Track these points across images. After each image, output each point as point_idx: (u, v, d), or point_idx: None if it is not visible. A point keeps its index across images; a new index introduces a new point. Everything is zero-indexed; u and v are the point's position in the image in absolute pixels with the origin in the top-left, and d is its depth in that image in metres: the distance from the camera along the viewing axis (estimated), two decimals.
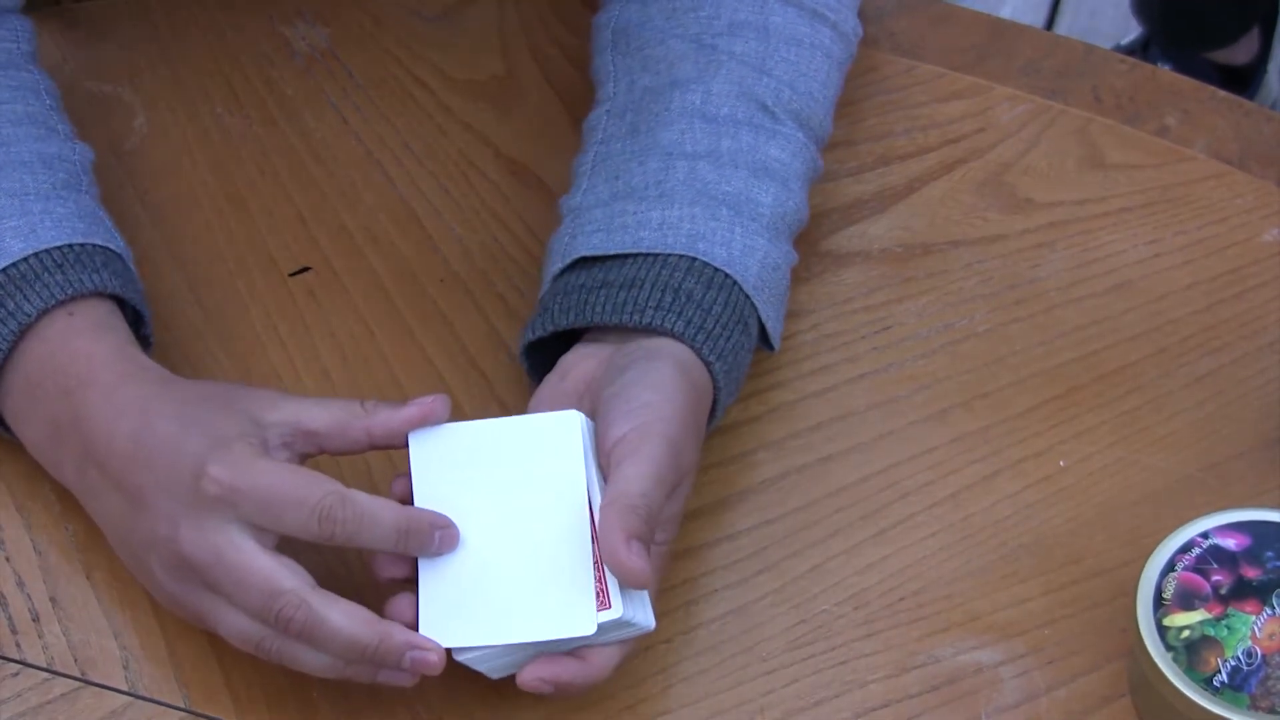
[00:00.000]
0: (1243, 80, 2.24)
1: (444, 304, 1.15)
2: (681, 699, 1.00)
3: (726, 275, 1.04)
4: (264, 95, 1.24)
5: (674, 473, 0.97)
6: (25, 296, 1.00)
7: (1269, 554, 0.97)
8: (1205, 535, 0.98)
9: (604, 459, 0.97)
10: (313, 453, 0.98)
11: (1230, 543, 0.98)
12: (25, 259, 1.00)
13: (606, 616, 0.95)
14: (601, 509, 0.95)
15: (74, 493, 1.02)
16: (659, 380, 0.99)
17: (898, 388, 1.11)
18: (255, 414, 0.97)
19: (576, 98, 1.24)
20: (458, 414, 1.09)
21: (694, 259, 1.04)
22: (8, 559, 1.04)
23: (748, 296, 1.04)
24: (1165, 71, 1.28)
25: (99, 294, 1.02)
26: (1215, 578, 0.97)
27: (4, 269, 1.00)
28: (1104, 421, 1.10)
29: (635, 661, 1.01)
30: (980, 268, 1.16)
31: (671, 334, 1.01)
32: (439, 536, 0.96)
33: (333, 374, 1.12)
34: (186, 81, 1.24)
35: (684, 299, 1.02)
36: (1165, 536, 0.98)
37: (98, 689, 1.00)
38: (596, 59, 1.16)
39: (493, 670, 0.98)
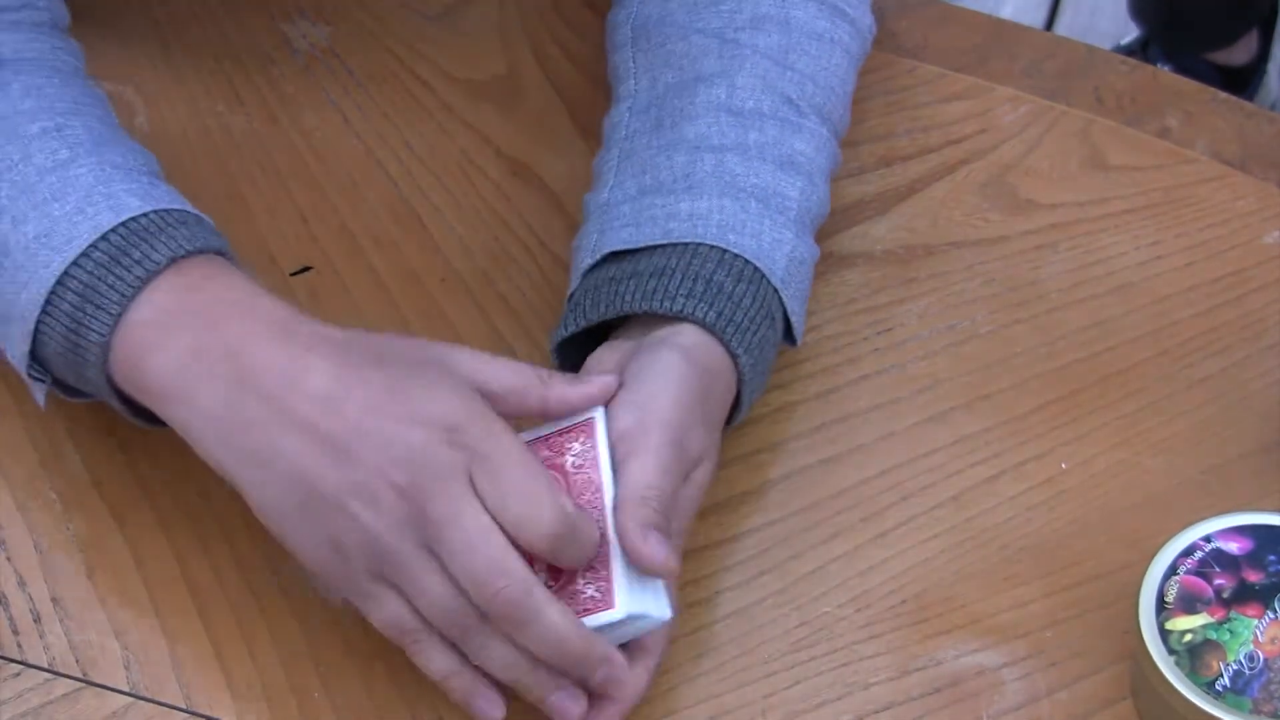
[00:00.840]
0: (1242, 81, 2.25)
1: (445, 304, 1.14)
2: (683, 700, 1.00)
3: (756, 268, 1.04)
4: (265, 93, 1.24)
5: (679, 460, 0.97)
6: (152, 246, 0.98)
7: (1271, 558, 0.97)
8: (1208, 539, 0.98)
9: (614, 453, 0.98)
10: None
11: (1233, 546, 0.98)
12: (146, 214, 1.00)
13: (607, 618, 0.95)
14: (616, 509, 0.95)
15: (210, 425, 0.96)
16: (662, 369, 0.99)
17: (899, 389, 1.11)
18: (442, 362, 0.95)
19: (578, 97, 1.24)
20: None
21: (724, 250, 1.04)
22: (9, 559, 1.04)
23: (775, 290, 1.05)
24: (1166, 73, 1.28)
25: (220, 254, 1.01)
26: (1218, 581, 0.97)
27: (125, 222, 0.99)
28: (1106, 423, 1.10)
29: None
30: (982, 269, 1.16)
31: (702, 324, 1.01)
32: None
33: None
34: (187, 79, 1.24)
35: (714, 290, 1.02)
36: (1167, 539, 0.98)
37: (99, 689, 1.00)
38: (614, 56, 1.16)
39: None
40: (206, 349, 0.96)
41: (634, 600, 0.95)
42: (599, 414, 0.98)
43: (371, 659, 1.01)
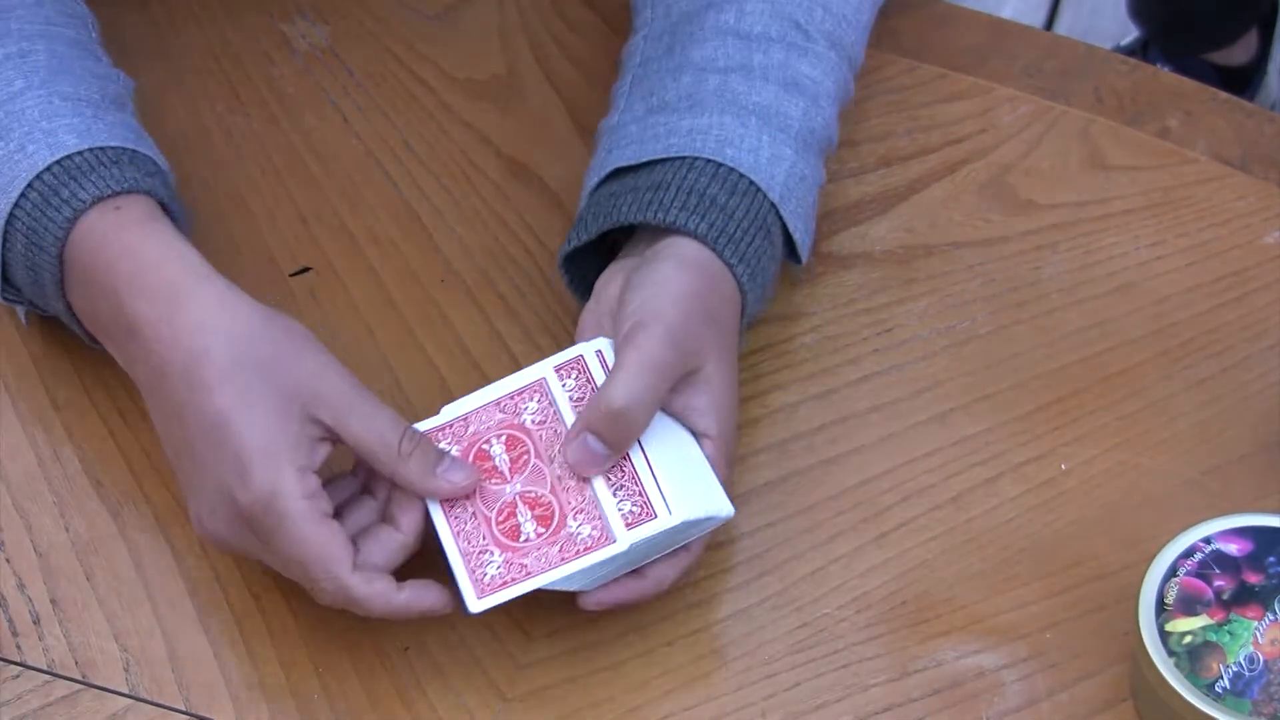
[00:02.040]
0: (1242, 81, 2.24)
1: (444, 304, 1.14)
2: (683, 702, 1.00)
3: (751, 182, 1.06)
4: (264, 94, 1.23)
5: (676, 356, 0.99)
6: (80, 185, 1.01)
7: (1271, 559, 0.97)
8: (1208, 540, 0.98)
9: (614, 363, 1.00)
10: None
11: (1233, 548, 0.98)
12: (80, 152, 1.03)
13: (648, 530, 0.96)
14: (581, 415, 0.98)
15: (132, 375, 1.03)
16: (658, 276, 1.01)
17: (899, 390, 1.11)
18: (305, 404, 0.97)
19: (577, 97, 1.24)
20: None
21: (720, 164, 1.05)
22: (8, 560, 1.04)
23: (773, 205, 1.06)
24: (1167, 73, 1.28)
25: (148, 195, 1.03)
26: (1217, 583, 0.97)
27: (59, 160, 1.02)
28: (1106, 424, 1.10)
29: (637, 664, 1.01)
30: (982, 269, 1.16)
31: (693, 235, 1.03)
32: (427, 614, 0.98)
33: None
34: (187, 80, 1.24)
35: (707, 203, 1.04)
36: (1167, 540, 0.98)
37: (98, 691, 1.00)
38: None
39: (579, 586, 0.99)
40: (113, 323, 1.01)
41: (688, 505, 0.97)
42: (590, 349, 1.01)
43: (371, 660, 1.01)
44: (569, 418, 1.00)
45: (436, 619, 1.00)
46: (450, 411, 1.01)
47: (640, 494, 0.98)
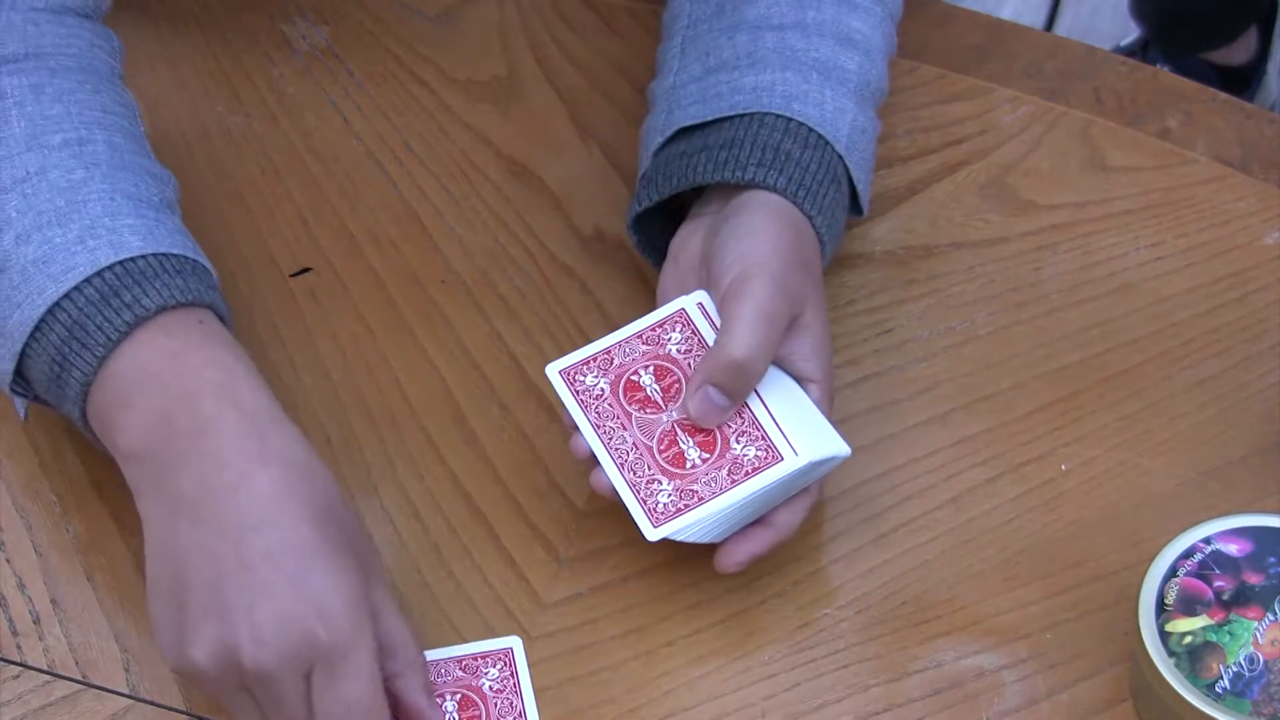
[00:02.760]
0: (1241, 80, 2.24)
1: (444, 304, 1.14)
2: (684, 702, 1.00)
3: (820, 135, 1.07)
4: (265, 94, 1.23)
5: (785, 304, 1.00)
6: (144, 290, 0.97)
7: (1271, 559, 0.97)
8: (1207, 541, 0.98)
9: (720, 308, 1.01)
10: None
11: (1232, 548, 0.98)
12: (144, 256, 0.99)
13: (786, 468, 0.98)
14: (703, 362, 0.99)
15: (150, 500, 0.95)
16: (753, 227, 1.03)
17: (899, 390, 1.11)
18: (366, 577, 0.93)
19: (577, 98, 1.24)
20: (457, 416, 1.10)
21: (789, 119, 1.07)
22: (8, 560, 1.04)
23: (840, 157, 1.08)
24: (1166, 73, 1.28)
25: (209, 308, 1.00)
26: (1217, 583, 0.97)
27: (121, 261, 0.98)
28: (1106, 425, 1.10)
29: (637, 665, 1.01)
30: (982, 270, 1.16)
31: (774, 189, 1.05)
32: None
33: (333, 374, 1.11)
34: (187, 80, 1.24)
35: (783, 157, 1.05)
36: (1167, 541, 0.98)
37: (99, 691, 1.00)
38: None
39: (710, 537, 1.00)
40: (173, 419, 0.94)
41: (811, 447, 0.98)
42: (691, 301, 1.02)
43: None
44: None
45: (436, 619, 1.01)
46: (590, 348, 1.03)
47: (764, 438, 0.99)
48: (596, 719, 1.00)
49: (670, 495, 0.98)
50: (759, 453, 0.99)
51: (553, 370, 1.02)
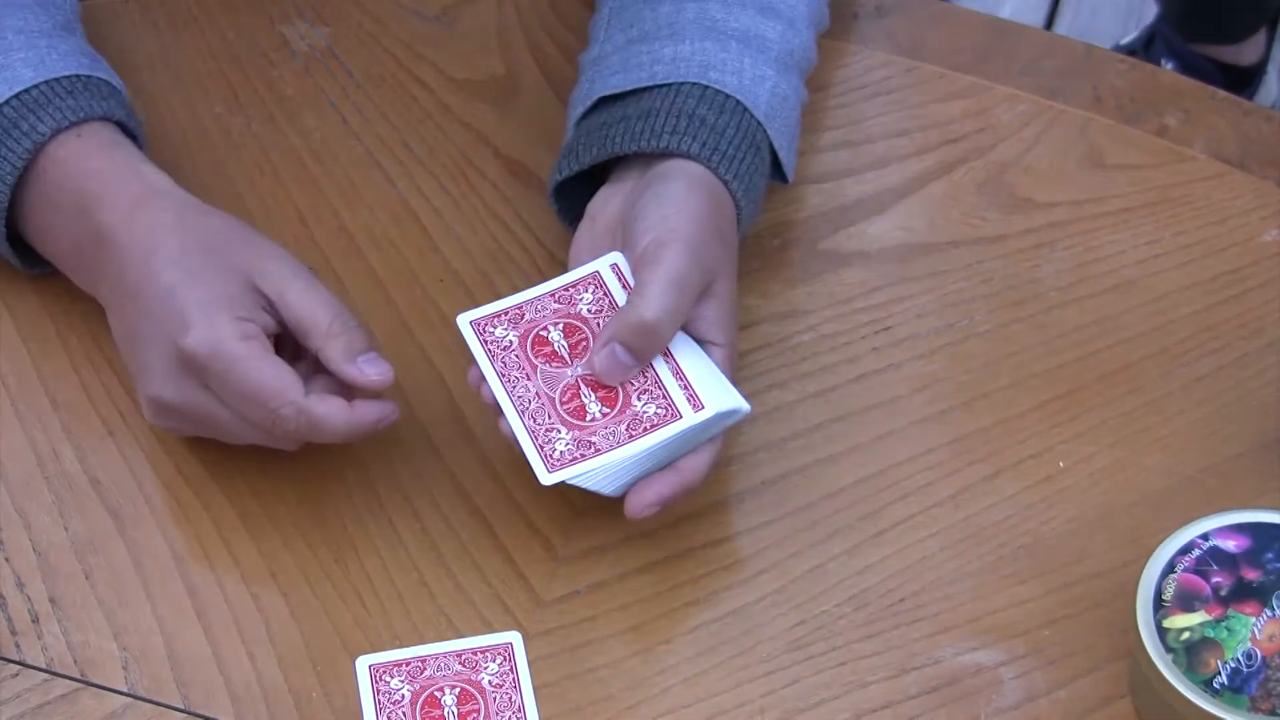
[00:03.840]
0: (1245, 80, 2.24)
1: (443, 304, 1.14)
2: (682, 699, 1.00)
3: (738, 102, 1.09)
4: (264, 95, 1.24)
5: (697, 273, 1.02)
6: (39, 118, 1.06)
7: (1269, 556, 0.97)
8: (1205, 537, 0.98)
9: (634, 275, 1.02)
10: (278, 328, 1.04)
11: (1230, 544, 0.98)
12: (36, 85, 1.07)
13: (692, 420, 1.00)
14: (610, 322, 1.02)
15: (101, 304, 1.07)
16: (671, 195, 1.05)
17: (897, 388, 1.11)
18: (248, 275, 1.02)
19: None
20: (455, 414, 1.10)
21: (706, 87, 1.09)
22: (7, 559, 1.04)
23: (759, 123, 1.09)
24: (1165, 71, 1.28)
25: (105, 120, 1.08)
26: (1215, 579, 0.97)
27: (17, 94, 1.07)
28: (1104, 422, 1.10)
29: (635, 662, 1.01)
30: (980, 268, 1.16)
31: (688, 156, 1.06)
32: (380, 422, 1.02)
33: None
34: (186, 81, 1.24)
35: (698, 124, 1.07)
36: (1165, 538, 0.98)
37: (97, 690, 1.00)
38: None
39: (606, 489, 1.02)
40: (81, 241, 1.06)
41: (712, 401, 1.00)
42: (606, 264, 1.04)
43: None
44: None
45: (434, 617, 1.01)
46: (503, 301, 1.05)
47: (665, 397, 1.01)
48: (595, 716, 1.00)
49: (568, 444, 1.00)
50: (659, 410, 1.01)
51: (464, 320, 1.05)
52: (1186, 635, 0.95)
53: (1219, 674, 0.94)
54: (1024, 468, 1.08)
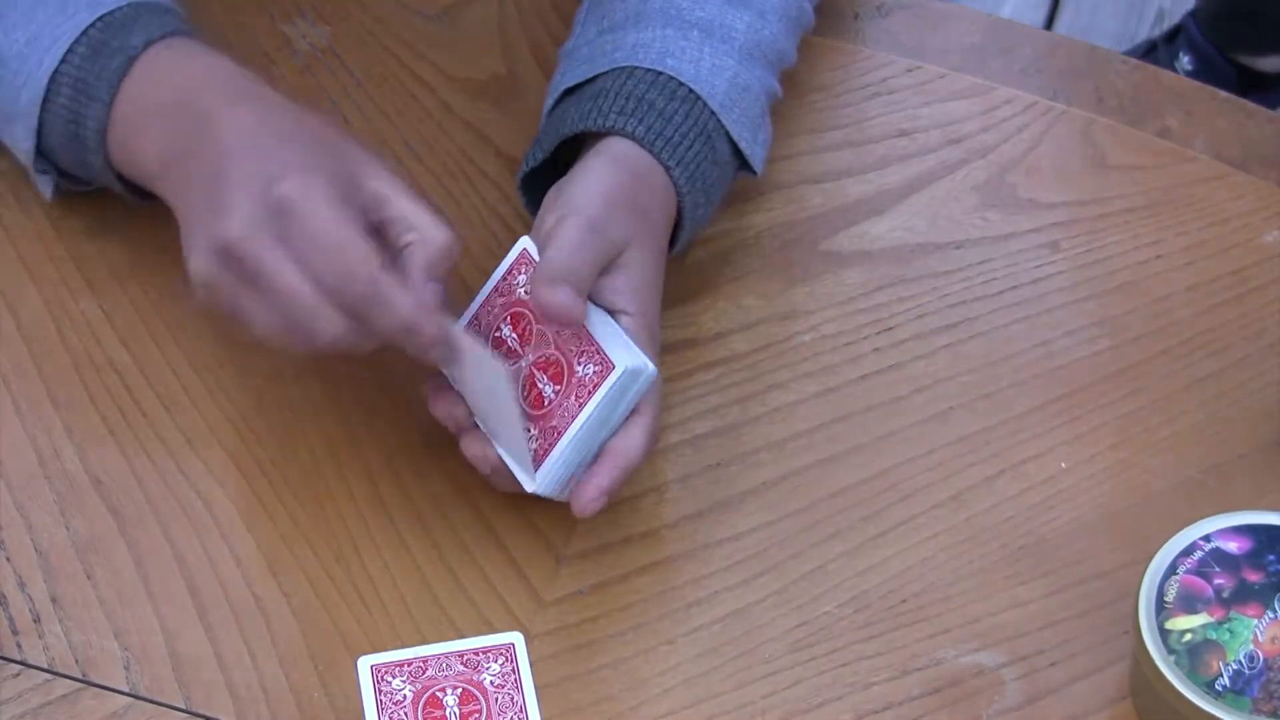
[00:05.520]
0: (1261, 85, 2.22)
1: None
2: (683, 700, 1.00)
3: (691, 90, 1.09)
4: None
5: (597, 241, 1.02)
6: (130, 33, 1.07)
7: (1271, 557, 0.97)
8: (1207, 538, 0.98)
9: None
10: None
11: (1232, 546, 0.98)
12: (120, 7, 1.08)
13: (609, 382, 1.00)
14: (533, 285, 1.02)
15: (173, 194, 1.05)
16: (583, 173, 1.06)
17: (899, 388, 1.11)
18: (353, 169, 1.01)
19: None
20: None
21: (659, 73, 1.09)
22: (8, 559, 1.04)
23: (714, 113, 1.09)
24: (1167, 73, 1.28)
25: (187, 36, 1.09)
26: (1217, 581, 0.97)
27: (101, 17, 1.07)
28: (1106, 423, 1.10)
29: (637, 663, 1.01)
30: (982, 268, 1.16)
31: (631, 136, 1.07)
32: (436, 350, 1.00)
33: (333, 371, 1.11)
34: None
35: (645, 107, 1.08)
36: (1167, 539, 0.98)
37: (98, 690, 1.00)
38: None
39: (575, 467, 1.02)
40: (184, 128, 1.04)
41: (626, 356, 1.00)
42: (528, 240, 1.05)
43: None
44: None
45: (436, 617, 1.02)
46: (464, 319, 1.06)
47: (599, 352, 1.02)
48: (596, 716, 1.00)
49: (536, 439, 1.01)
50: (596, 367, 1.01)
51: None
52: (1188, 637, 0.95)
53: (1221, 676, 0.94)
54: (1026, 469, 1.08)
